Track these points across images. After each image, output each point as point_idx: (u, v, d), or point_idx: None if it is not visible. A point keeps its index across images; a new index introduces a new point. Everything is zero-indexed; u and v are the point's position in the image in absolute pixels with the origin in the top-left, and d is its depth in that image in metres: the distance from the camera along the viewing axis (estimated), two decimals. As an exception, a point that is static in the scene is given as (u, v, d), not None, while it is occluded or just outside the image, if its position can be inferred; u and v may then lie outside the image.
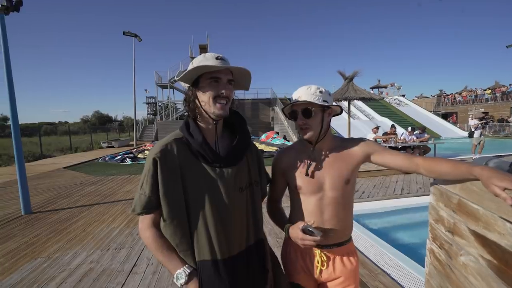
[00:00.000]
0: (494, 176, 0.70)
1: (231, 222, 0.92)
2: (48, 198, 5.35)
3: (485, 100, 25.75)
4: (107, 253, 2.93)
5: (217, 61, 0.88)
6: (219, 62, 0.88)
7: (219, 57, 0.89)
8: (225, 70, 0.89)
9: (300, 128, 1.05)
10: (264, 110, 25.97)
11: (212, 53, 0.91)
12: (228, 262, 0.91)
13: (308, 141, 1.08)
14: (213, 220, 0.89)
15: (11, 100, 4.19)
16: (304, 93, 1.03)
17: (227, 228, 0.91)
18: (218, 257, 0.89)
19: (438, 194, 1.08)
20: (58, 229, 3.67)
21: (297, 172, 1.09)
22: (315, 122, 1.04)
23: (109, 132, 26.92)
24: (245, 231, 0.97)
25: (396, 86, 30.83)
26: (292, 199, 1.16)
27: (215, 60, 0.88)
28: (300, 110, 1.04)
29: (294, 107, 1.06)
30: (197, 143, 0.89)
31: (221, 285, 0.89)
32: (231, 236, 0.92)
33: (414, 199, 4.76)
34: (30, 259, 2.83)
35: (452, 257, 0.95)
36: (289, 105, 1.07)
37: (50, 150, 15.31)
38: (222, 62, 0.88)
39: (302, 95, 1.03)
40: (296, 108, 1.05)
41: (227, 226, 0.91)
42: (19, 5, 4.00)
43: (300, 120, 1.04)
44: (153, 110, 36.12)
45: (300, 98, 1.02)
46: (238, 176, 0.96)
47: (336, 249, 1.10)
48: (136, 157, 11.41)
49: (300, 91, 1.05)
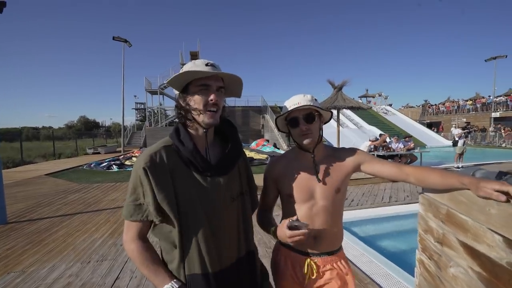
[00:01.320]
0: (483, 180, 0.72)
1: (223, 233, 0.89)
2: (27, 207, 5.09)
3: (466, 110, 26.86)
4: (87, 265, 2.78)
5: (207, 67, 0.86)
6: (208, 68, 0.86)
7: (209, 63, 0.87)
8: (214, 77, 0.87)
9: (301, 134, 1.04)
10: (255, 117, 26.10)
11: (203, 59, 0.89)
12: (219, 276, 0.87)
13: (306, 148, 1.08)
14: (204, 231, 0.85)
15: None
16: (302, 99, 1.03)
17: (218, 240, 0.88)
18: (209, 270, 0.85)
19: (426, 204, 1.08)
20: (36, 240, 3.47)
21: (289, 180, 1.08)
22: (316, 128, 1.05)
23: (95, 138, 26.23)
24: (236, 243, 0.94)
25: (383, 96, 31.75)
26: (284, 207, 1.15)
27: (205, 66, 0.86)
28: (302, 115, 1.03)
29: (295, 113, 1.04)
30: (187, 150, 0.86)
31: None
32: (222, 248, 0.89)
33: (402, 207, 4.82)
34: (2, 274, 2.64)
35: (442, 269, 0.94)
36: (289, 111, 1.04)
37: (32, 156, 14.73)
38: (212, 69, 0.86)
39: (301, 101, 1.02)
40: (298, 114, 1.04)
41: (218, 238, 0.88)
42: (2, 7, 3.88)
43: (303, 125, 1.03)
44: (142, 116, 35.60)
45: (300, 104, 1.02)
46: (229, 185, 0.93)
47: (326, 257, 1.08)
48: (123, 164, 11.10)
49: (298, 98, 1.04)
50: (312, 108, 1.03)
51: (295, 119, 1.04)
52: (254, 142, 15.88)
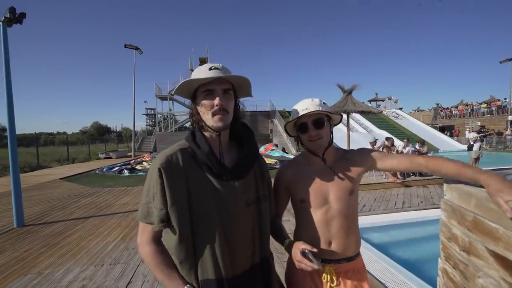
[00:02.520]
0: (504, 188, 0.69)
1: (237, 238, 0.88)
2: (42, 210, 5.22)
3: (481, 113, 26.08)
4: (101, 269, 2.81)
5: (210, 72, 0.85)
6: (212, 72, 0.85)
7: (213, 67, 0.86)
8: (218, 80, 0.85)
9: (311, 140, 1.03)
10: (263, 122, 26.12)
11: (208, 64, 0.88)
12: (232, 282, 0.85)
13: (316, 153, 1.06)
14: (218, 236, 0.84)
15: (9, 110, 4.17)
16: (310, 104, 1.02)
17: (231, 245, 0.86)
18: (223, 276, 0.84)
19: (450, 210, 1.03)
20: (51, 243, 3.55)
21: (302, 185, 1.07)
22: (326, 133, 1.04)
23: (107, 143, 26.78)
24: (251, 249, 0.92)
25: (393, 100, 31.27)
26: (297, 213, 1.13)
27: (208, 71, 0.85)
28: (311, 121, 1.02)
29: (304, 119, 1.03)
30: (203, 153, 0.86)
31: None
32: (235, 254, 0.87)
33: (416, 213, 4.69)
34: (20, 276, 2.70)
35: (469, 279, 0.90)
36: (298, 117, 1.04)
37: (47, 160, 15.16)
38: (215, 72, 0.85)
39: (310, 106, 1.01)
40: (307, 119, 1.03)
41: (231, 243, 0.86)
42: (22, 18, 4.05)
43: (312, 131, 1.02)
44: (152, 122, 36.20)
45: (309, 110, 1.00)
46: (245, 190, 0.91)
47: (345, 264, 1.06)
48: (134, 169, 11.29)
49: (306, 103, 1.03)
50: (321, 113, 1.02)
51: (304, 124, 1.03)
52: (263, 147, 15.86)
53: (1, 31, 3.91)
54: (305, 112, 1.01)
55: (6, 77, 4.04)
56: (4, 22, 3.89)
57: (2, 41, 3.92)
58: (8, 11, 3.80)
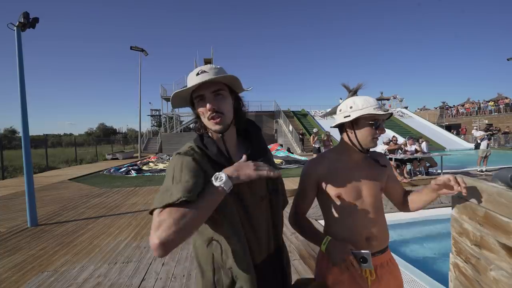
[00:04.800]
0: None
1: (253, 232, 0.91)
2: (54, 210, 5.34)
3: (488, 112, 25.71)
4: (114, 266, 2.89)
5: (198, 77, 0.85)
6: (199, 78, 0.85)
7: (200, 71, 0.87)
8: (205, 84, 0.85)
9: (375, 137, 1.07)
10: (268, 122, 26.13)
11: (196, 68, 0.89)
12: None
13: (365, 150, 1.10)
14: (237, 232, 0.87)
15: (23, 114, 4.28)
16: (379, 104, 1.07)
17: (250, 239, 0.89)
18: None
19: (460, 206, 1.07)
20: (65, 242, 3.64)
21: (337, 180, 1.10)
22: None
23: (113, 144, 27.10)
24: (266, 241, 0.96)
25: (398, 98, 30.97)
26: (329, 209, 1.13)
27: (196, 77, 0.86)
28: (382, 120, 1.06)
29: (379, 117, 1.06)
30: (212, 153, 0.88)
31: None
32: (253, 247, 0.91)
33: (424, 211, 4.67)
34: (37, 273, 2.79)
35: (481, 272, 0.93)
36: (380, 114, 1.05)
37: (55, 162, 15.42)
38: (202, 77, 0.84)
39: (381, 107, 1.07)
40: (381, 118, 1.06)
41: (249, 236, 0.90)
42: (35, 22, 4.16)
43: (381, 129, 1.06)
44: (157, 122, 36.48)
45: (383, 110, 1.05)
46: (256, 185, 0.93)
47: (379, 256, 1.10)
48: (140, 169, 11.42)
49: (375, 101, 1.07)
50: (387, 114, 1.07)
51: (378, 121, 1.06)
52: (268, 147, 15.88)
53: (15, 36, 4.04)
54: (383, 111, 1.04)
55: (20, 81, 4.15)
56: (19, 27, 4.01)
57: (16, 45, 4.04)
58: (22, 16, 3.92)
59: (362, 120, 1.06)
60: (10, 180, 10.36)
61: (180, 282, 2.52)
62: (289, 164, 11.19)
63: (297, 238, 3.40)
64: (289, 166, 10.85)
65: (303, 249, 3.11)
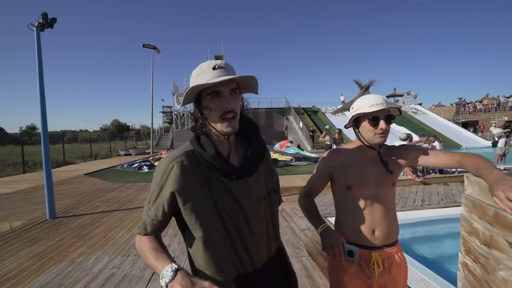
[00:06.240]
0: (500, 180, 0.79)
1: (252, 236, 0.87)
2: (70, 204, 5.57)
3: (508, 108, 24.64)
4: (127, 259, 2.99)
5: (214, 71, 0.78)
6: (217, 72, 0.78)
7: (217, 66, 0.80)
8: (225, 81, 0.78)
9: (378, 133, 1.08)
10: (278, 119, 26.06)
11: (210, 61, 0.83)
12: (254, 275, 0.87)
13: (374, 146, 1.13)
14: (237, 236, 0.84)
15: (42, 111, 4.46)
16: (383, 101, 1.08)
17: (249, 243, 0.86)
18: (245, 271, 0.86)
19: (470, 205, 1.05)
20: (81, 234, 3.80)
21: (349, 172, 1.14)
22: (388, 128, 1.10)
23: (126, 140, 27.75)
24: (266, 243, 0.93)
25: (412, 95, 30.13)
26: (341, 200, 1.20)
27: (212, 71, 0.79)
28: (383, 116, 1.08)
29: (378, 113, 1.08)
30: (209, 156, 0.83)
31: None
32: (253, 251, 0.88)
33: (436, 211, 4.58)
34: (56, 263, 2.94)
35: (490, 272, 0.92)
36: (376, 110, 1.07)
37: (72, 157, 15.98)
38: (220, 72, 0.78)
39: (383, 102, 1.07)
40: (381, 114, 1.08)
41: (248, 241, 0.86)
42: (53, 22, 4.31)
43: (383, 125, 1.07)
44: (169, 119, 37.06)
45: (383, 106, 1.06)
46: (255, 187, 0.89)
47: (387, 249, 1.13)
48: (152, 165, 11.66)
49: (379, 98, 1.09)
50: (392, 110, 1.09)
51: (376, 118, 1.08)
52: (278, 144, 15.87)
53: (35, 36, 4.20)
54: (380, 107, 1.06)
55: (40, 80, 4.32)
56: (38, 27, 4.17)
57: (36, 45, 4.20)
58: (41, 17, 4.06)
59: (361, 118, 1.12)
60: (30, 174, 10.84)
61: (190, 275, 2.59)
62: (299, 161, 11.15)
63: (306, 236, 3.41)
64: (299, 163, 10.82)
65: (312, 246, 3.12)
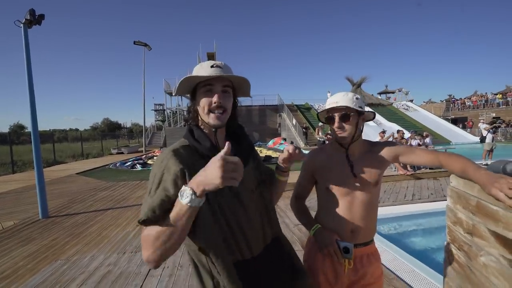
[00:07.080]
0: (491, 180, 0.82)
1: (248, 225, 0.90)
2: (63, 203, 5.50)
3: (496, 104, 25.29)
4: (123, 256, 3.00)
5: (212, 69, 0.86)
6: (213, 70, 0.86)
7: (215, 65, 0.87)
8: (218, 78, 0.86)
9: (335, 131, 1.11)
10: (271, 116, 26.07)
11: (210, 61, 0.90)
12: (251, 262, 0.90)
13: (341, 144, 1.14)
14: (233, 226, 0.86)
15: (32, 110, 4.38)
16: (341, 99, 1.09)
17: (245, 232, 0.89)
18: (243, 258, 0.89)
19: (455, 196, 1.11)
20: (75, 233, 3.78)
21: (329, 173, 1.15)
22: (351, 126, 1.10)
23: (118, 139, 27.38)
24: (262, 232, 0.96)
25: (403, 92, 30.56)
26: (321, 199, 1.20)
27: (210, 68, 0.86)
28: (338, 114, 1.09)
29: (332, 112, 1.11)
30: (205, 148, 0.87)
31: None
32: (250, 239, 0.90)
33: (425, 205, 4.71)
34: (51, 261, 2.92)
35: (472, 258, 0.98)
36: (327, 109, 1.12)
37: (62, 156, 15.69)
38: (216, 70, 0.86)
39: (340, 100, 1.08)
40: (334, 113, 1.10)
41: (245, 230, 0.89)
42: (41, 19, 4.22)
43: (337, 123, 1.09)
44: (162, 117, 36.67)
45: (338, 104, 1.08)
46: (247, 179, 0.93)
47: (361, 248, 1.15)
48: (146, 163, 11.58)
49: (338, 96, 1.10)
50: (349, 108, 1.08)
51: (331, 117, 1.11)
52: (271, 141, 15.93)
53: (22, 33, 4.11)
54: (334, 105, 1.09)
55: (28, 77, 4.24)
56: (25, 23, 4.07)
57: (23, 42, 4.11)
58: (29, 13, 3.97)
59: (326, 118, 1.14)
60: (19, 174, 10.63)
61: (186, 271, 2.62)
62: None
63: (299, 230, 3.48)
64: (293, 160, 10.87)
65: (305, 240, 3.18)
